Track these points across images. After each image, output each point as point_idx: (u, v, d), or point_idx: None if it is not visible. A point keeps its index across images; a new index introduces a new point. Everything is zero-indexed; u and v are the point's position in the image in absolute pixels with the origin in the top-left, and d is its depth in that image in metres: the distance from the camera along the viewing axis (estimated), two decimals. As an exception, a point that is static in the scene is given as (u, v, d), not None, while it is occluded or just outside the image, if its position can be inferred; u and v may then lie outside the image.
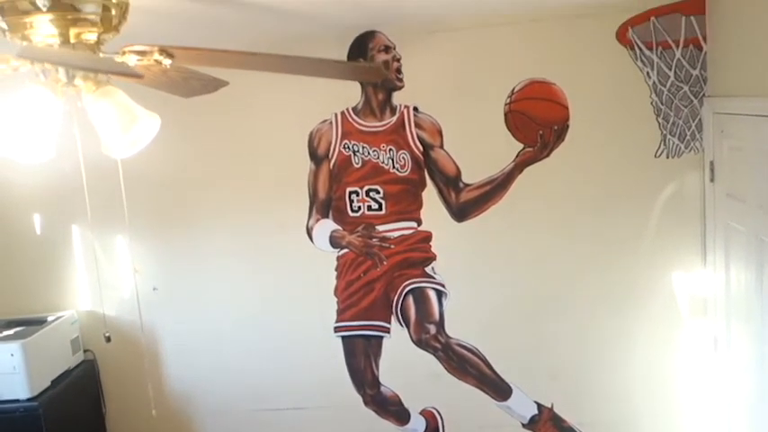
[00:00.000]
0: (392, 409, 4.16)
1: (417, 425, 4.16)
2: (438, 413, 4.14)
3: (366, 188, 3.92)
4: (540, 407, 4.03)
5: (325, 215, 4.01)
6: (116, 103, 1.90)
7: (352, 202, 3.95)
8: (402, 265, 3.99)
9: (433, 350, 4.05)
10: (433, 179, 3.88)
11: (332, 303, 4.11)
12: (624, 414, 3.93)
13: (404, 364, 4.09)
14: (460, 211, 3.90)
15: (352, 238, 4.00)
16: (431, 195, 3.90)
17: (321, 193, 3.98)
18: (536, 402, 4.04)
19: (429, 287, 4.00)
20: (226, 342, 4.25)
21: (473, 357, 4.04)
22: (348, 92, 3.83)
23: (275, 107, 3.94)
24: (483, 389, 4.06)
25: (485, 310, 3.99)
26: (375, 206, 3.93)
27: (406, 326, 4.05)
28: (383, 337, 4.10)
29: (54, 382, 3.95)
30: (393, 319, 4.06)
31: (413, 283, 4.00)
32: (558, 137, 3.71)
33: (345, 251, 4.04)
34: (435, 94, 3.80)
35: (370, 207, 3.94)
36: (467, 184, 3.86)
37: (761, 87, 2.90)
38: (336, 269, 4.07)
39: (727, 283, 3.40)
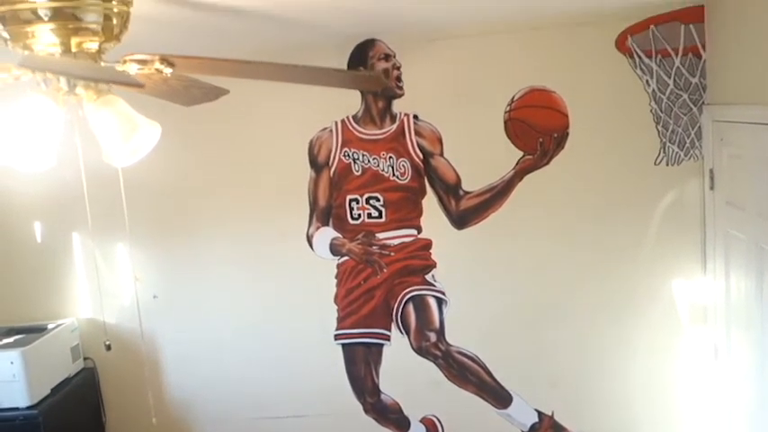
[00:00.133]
0: (392, 416, 4.16)
1: (418, 433, 4.16)
2: (438, 421, 4.13)
3: (366, 196, 3.92)
4: (541, 415, 4.03)
5: (326, 223, 4.01)
6: (117, 111, 1.90)
7: (352, 210, 3.95)
8: (402, 272, 3.99)
9: (434, 358, 4.05)
10: (433, 187, 3.88)
11: (332, 311, 4.10)
12: (625, 422, 3.92)
13: (404, 371, 4.09)
14: (460, 219, 3.90)
15: (353, 246, 4.00)
16: (431, 203, 3.90)
17: (321, 200, 3.99)
18: (536, 410, 4.03)
19: (429, 295, 4.00)
20: (226, 350, 4.24)
21: (473, 365, 4.03)
22: (348, 100, 3.84)
23: (275, 115, 3.95)
24: (483, 396, 4.05)
25: (485, 318, 3.99)
26: (375, 214, 3.93)
27: (407, 333, 4.05)
28: (383, 344, 4.09)
29: (54, 389, 3.95)
30: (393, 326, 4.05)
31: (413, 291, 4.00)
32: (558, 144, 3.72)
33: (345, 259, 4.04)
34: (435, 102, 3.81)
35: (370, 215, 3.94)
36: (467, 192, 3.86)
37: (760, 95, 2.91)
38: (336, 277, 4.07)
39: (728, 291, 3.40)
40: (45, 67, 1.74)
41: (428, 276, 3.98)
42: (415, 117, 3.83)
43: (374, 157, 3.88)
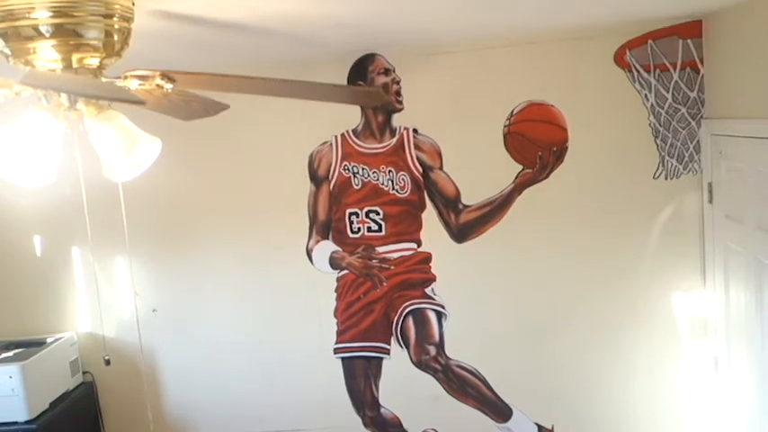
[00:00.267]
0: (392, 430, 4.14)
1: (417, 447, 4.14)
2: (438, 435, 4.12)
3: (366, 209, 3.93)
4: (541, 428, 4.01)
5: (325, 236, 4.01)
6: (118, 127, 1.91)
7: (351, 224, 3.96)
8: (402, 286, 3.99)
9: (433, 371, 4.04)
10: (432, 200, 3.89)
11: (332, 324, 4.10)
12: (625, 436, 3.92)
13: (404, 385, 4.08)
14: (460, 233, 3.90)
15: (352, 260, 4.00)
16: (430, 217, 3.90)
17: (321, 214, 3.99)
18: (537, 424, 4.01)
19: (429, 308, 4.00)
20: (225, 364, 4.23)
21: (473, 379, 4.02)
22: (348, 114, 3.86)
23: (275, 129, 3.96)
24: (483, 410, 4.04)
25: (485, 332, 3.98)
26: (375, 227, 3.94)
27: (406, 347, 4.04)
28: (383, 358, 4.08)
29: (52, 404, 3.93)
30: (393, 340, 4.05)
31: (413, 304, 4.00)
32: (557, 158, 3.73)
33: (345, 272, 4.04)
34: (435, 116, 3.83)
35: (369, 228, 3.94)
36: (466, 206, 3.87)
37: (758, 109, 2.92)
38: (336, 290, 4.07)
39: (727, 304, 3.40)
40: (47, 84, 1.75)
41: (428, 290, 3.98)
42: (415, 131, 3.85)
43: (374, 171, 3.89)
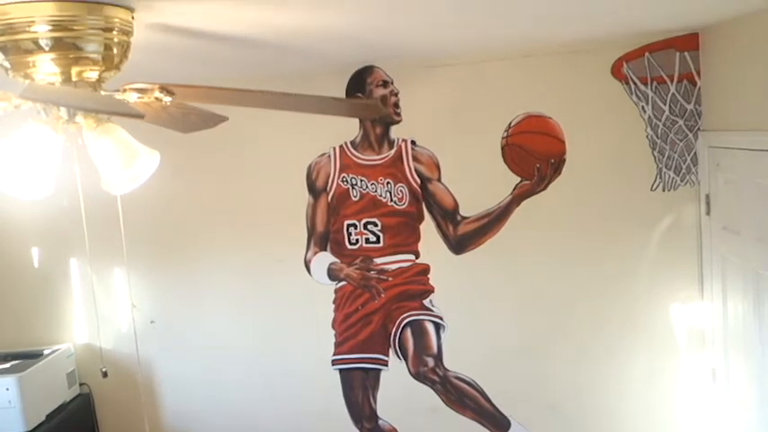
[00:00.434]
0: (390, 443, 4.13)
1: (416, 459, 4.13)
2: (436, 447, 4.11)
3: (364, 221, 3.93)
4: (540, 441, 4.00)
5: (323, 248, 4.01)
6: (116, 140, 1.91)
7: (350, 235, 3.96)
8: (400, 297, 3.99)
9: (431, 383, 4.03)
10: (430, 212, 3.89)
11: (329, 336, 4.09)
12: (624, 448, 3.91)
13: (402, 397, 4.07)
14: (458, 244, 3.90)
15: (350, 271, 4.00)
16: (428, 228, 3.91)
17: (319, 225, 3.99)
18: (535, 436, 4.01)
19: (427, 320, 3.99)
20: (223, 375, 4.22)
21: (471, 390, 4.01)
22: (346, 126, 3.86)
23: (274, 141, 3.97)
24: (481, 422, 4.03)
25: (483, 343, 3.98)
26: (373, 239, 3.94)
27: (404, 359, 4.03)
28: (381, 369, 4.08)
29: (49, 416, 3.92)
30: (391, 351, 4.04)
31: (411, 316, 4.00)
32: (555, 170, 3.74)
33: (343, 284, 4.03)
34: (433, 128, 3.84)
35: (368, 240, 3.95)
36: (464, 217, 3.87)
37: (755, 122, 2.93)
38: (334, 302, 4.07)
39: (725, 315, 3.40)
40: (46, 97, 1.75)
41: (426, 301, 3.98)
42: (413, 143, 3.85)
43: (372, 183, 3.89)
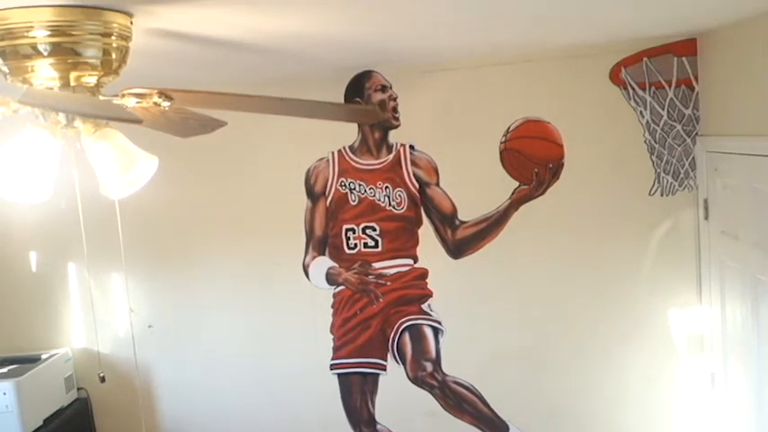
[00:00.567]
0: (388, 447, 4.13)
1: (414, 464, 4.12)
2: (435, 452, 4.10)
3: (362, 225, 3.93)
4: (538, 446, 4.00)
5: (322, 252, 4.01)
6: (115, 144, 1.91)
7: (348, 240, 3.96)
8: (398, 302, 3.99)
9: (430, 388, 4.02)
10: (429, 217, 3.89)
11: (328, 340, 4.09)
12: (622, 453, 3.90)
13: (400, 401, 4.06)
14: (457, 249, 3.90)
15: (349, 276, 4.00)
16: (427, 233, 3.91)
17: (318, 230, 3.99)
18: (533, 441, 4.00)
19: (425, 324, 3.99)
20: (221, 380, 4.21)
21: (469, 395, 4.01)
22: (345, 130, 3.87)
23: (272, 145, 3.97)
24: (480, 427, 4.02)
25: (481, 348, 3.97)
26: (371, 243, 3.94)
27: (403, 363, 4.03)
28: (379, 374, 4.07)
29: (46, 420, 3.91)
30: (389, 356, 4.04)
31: (409, 321, 3.99)
32: (554, 175, 3.74)
33: (342, 288, 4.03)
34: (431, 133, 3.84)
35: (366, 244, 3.94)
36: (463, 222, 3.87)
37: (752, 127, 2.94)
38: (333, 306, 4.06)
39: (723, 320, 3.40)
40: (44, 103, 1.75)
41: (424, 306, 3.97)
42: (412, 147, 3.86)
43: (371, 187, 3.89)
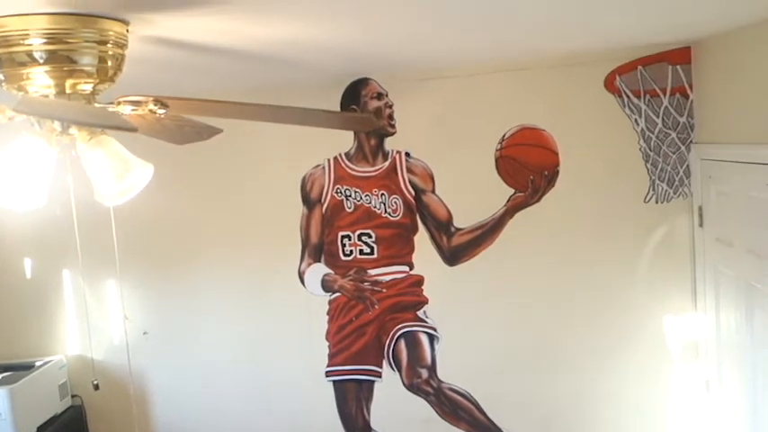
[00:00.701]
0: (384, 455, 4.12)
1: (409, 471, 4.11)
2: (430, 459, 4.09)
3: (358, 232, 3.93)
4: (534, 453, 3.99)
5: (318, 259, 4.01)
6: (110, 152, 1.91)
7: (344, 246, 3.96)
8: (394, 308, 3.98)
9: (425, 395, 4.02)
10: (424, 224, 3.90)
11: (323, 347, 4.08)
12: (618, 460, 3.90)
13: (396, 408, 4.05)
14: (452, 256, 3.91)
15: (344, 282, 4.00)
16: (423, 240, 3.91)
17: (313, 237, 3.99)
18: (529, 448, 4.00)
19: (421, 331, 3.99)
20: (215, 387, 4.20)
21: (465, 402, 4.00)
22: (341, 137, 3.87)
23: (268, 152, 3.97)
24: (475, 434, 4.02)
25: (477, 355, 3.97)
26: (367, 250, 3.94)
27: (398, 370, 4.02)
28: (375, 381, 4.07)
29: (40, 428, 3.89)
30: (385, 363, 4.03)
31: (405, 327, 3.99)
32: (549, 182, 3.75)
33: (337, 295, 4.03)
34: (427, 140, 3.85)
35: (362, 251, 3.94)
36: (458, 229, 3.88)
37: (746, 135, 2.95)
38: (328, 313, 4.06)
39: (718, 327, 3.41)
40: (40, 111, 1.75)
41: (420, 313, 3.97)
42: (407, 154, 3.86)
43: (366, 194, 3.89)
